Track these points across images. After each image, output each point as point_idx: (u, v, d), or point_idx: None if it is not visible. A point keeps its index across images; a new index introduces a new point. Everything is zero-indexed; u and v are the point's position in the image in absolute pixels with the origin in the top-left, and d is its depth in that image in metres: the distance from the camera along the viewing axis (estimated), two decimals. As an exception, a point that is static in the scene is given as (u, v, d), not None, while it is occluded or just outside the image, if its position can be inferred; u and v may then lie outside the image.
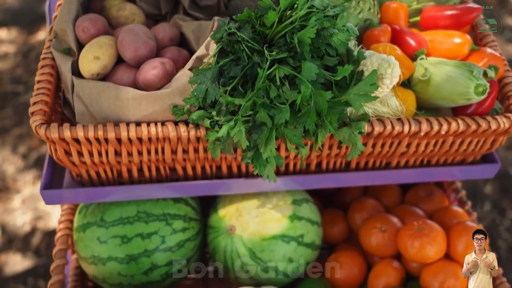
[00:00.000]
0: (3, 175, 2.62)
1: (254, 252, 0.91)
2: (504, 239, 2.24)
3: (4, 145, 2.62)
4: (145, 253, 0.89)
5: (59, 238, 0.94)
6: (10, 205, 2.53)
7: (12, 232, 2.44)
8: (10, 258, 2.35)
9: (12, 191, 2.57)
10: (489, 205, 2.32)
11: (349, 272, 0.98)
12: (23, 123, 2.53)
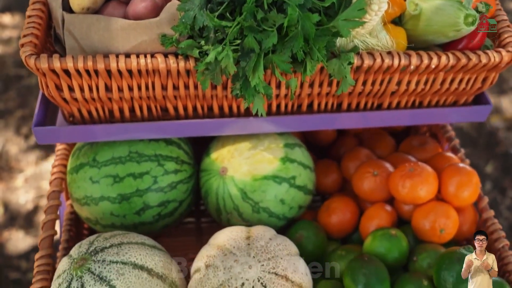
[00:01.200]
0: (6, 155, 2.64)
1: (245, 193, 0.91)
2: (505, 218, 2.28)
3: (7, 126, 2.64)
4: (137, 193, 0.89)
5: (53, 181, 0.94)
6: (13, 184, 2.55)
7: (15, 210, 2.46)
8: (13, 235, 2.37)
9: (15, 170, 2.59)
10: (490, 185, 2.35)
11: (341, 217, 0.98)
12: (26, 105, 2.55)
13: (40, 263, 0.84)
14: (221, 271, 0.79)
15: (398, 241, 0.88)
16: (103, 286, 0.76)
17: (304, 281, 0.82)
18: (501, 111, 2.51)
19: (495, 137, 2.58)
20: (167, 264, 0.83)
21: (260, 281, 0.78)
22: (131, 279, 0.77)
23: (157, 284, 0.79)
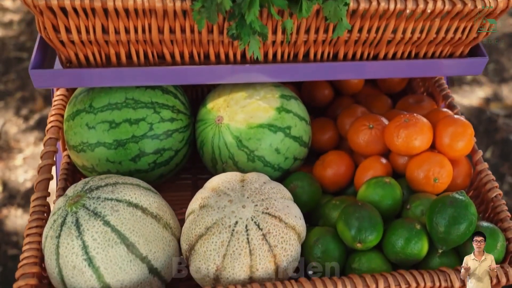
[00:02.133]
0: (5, 135, 2.65)
1: (241, 141, 0.92)
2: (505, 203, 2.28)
3: (7, 107, 2.65)
4: (133, 139, 0.90)
5: (50, 129, 0.95)
6: (12, 163, 2.57)
7: (14, 188, 2.47)
8: (11, 212, 2.38)
9: (14, 150, 2.60)
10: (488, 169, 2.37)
11: (336, 170, 0.98)
12: (26, 87, 2.56)
13: (35, 203, 0.85)
14: (215, 210, 0.80)
15: (392, 189, 0.88)
16: (97, 221, 0.76)
17: (297, 224, 0.83)
18: (501, 99, 2.52)
19: (494, 124, 2.59)
20: (162, 206, 0.84)
21: (253, 220, 0.79)
22: (125, 216, 0.78)
23: (151, 223, 0.80)
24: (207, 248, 0.78)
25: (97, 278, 0.76)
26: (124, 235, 0.76)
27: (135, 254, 0.77)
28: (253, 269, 0.78)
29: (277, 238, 0.79)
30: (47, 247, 0.78)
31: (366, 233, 0.82)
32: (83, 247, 0.75)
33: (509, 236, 0.85)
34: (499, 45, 2.74)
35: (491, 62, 2.54)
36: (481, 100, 2.50)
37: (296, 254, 0.83)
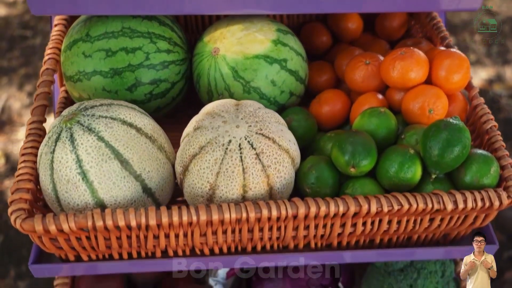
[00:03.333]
0: (9, 110, 2.67)
1: (236, 71, 0.92)
2: None
3: (11, 83, 2.67)
4: (129, 68, 0.90)
5: (47, 60, 0.95)
6: (15, 136, 2.58)
7: (16, 161, 2.49)
8: (14, 184, 2.37)
9: (17, 124, 2.62)
10: None
11: (332, 107, 0.98)
12: (29, 64, 2.57)
13: (31, 127, 0.85)
14: (208, 130, 0.80)
15: (387, 118, 0.88)
16: (91, 136, 0.77)
17: (291, 148, 0.83)
18: (504, 80, 2.53)
19: (497, 104, 2.60)
20: (157, 129, 0.84)
21: (247, 139, 0.79)
22: (119, 133, 0.78)
23: (146, 142, 0.80)
24: (201, 167, 0.79)
25: (91, 193, 0.76)
26: (118, 151, 0.77)
27: (129, 171, 0.78)
28: (246, 188, 0.79)
29: (270, 159, 0.79)
30: (42, 164, 0.79)
31: (359, 158, 0.82)
32: (77, 161, 0.76)
33: (503, 163, 0.85)
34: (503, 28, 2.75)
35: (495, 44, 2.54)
36: (484, 81, 2.50)
37: (290, 178, 0.83)
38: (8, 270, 2.05)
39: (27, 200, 0.77)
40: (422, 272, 0.97)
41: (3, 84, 2.67)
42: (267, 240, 0.86)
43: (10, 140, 2.49)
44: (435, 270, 0.98)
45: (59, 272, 0.87)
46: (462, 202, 0.79)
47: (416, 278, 0.97)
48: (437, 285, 0.98)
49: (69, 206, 0.77)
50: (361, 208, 0.78)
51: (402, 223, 0.85)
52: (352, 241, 0.89)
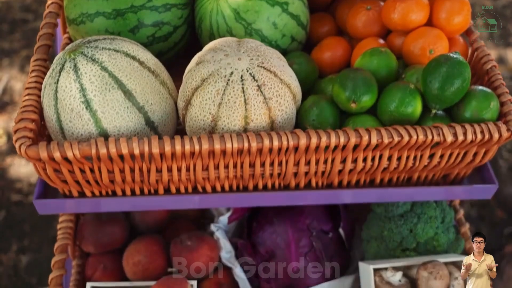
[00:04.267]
0: (10, 90, 2.68)
1: (238, 13, 0.93)
2: (505, 159, 2.37)
3: (12, 64, 2.68)
4: (132, 9, 0.91)
5: (50, 4, 0.96)
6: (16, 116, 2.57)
7: (18, 140, 2.48)
8: (15, 161, 2.41)
9: (18, 104, 2.63)
10: None
11: (333, 52, 0.99)
12: (30, 46, 2.59)
13: (35, 63, 0.86)
14: (211, 64, 0.81)
15: (387, 58, 0.89)
16: (95, 66, 0.77)
17: (292, 84, 0.84)
18: (506, 62, 2.55)
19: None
20: (159, 66, 0.85)
21: (248, 71, 0.80)
22: (123, 64, 0.79)
23: (148, 75, 0.81)
24: (203, 98, 0.79)
25: (95, 123, 0.77)
26: (121, 81, 0.78)
27: (132, 102, 0.78)
28: (248, 120, 0.79)
29: (272, 91, 0.80)
30: (46, 95, 0.79)
31: (360, 93, 0.83)
32: (80, 90, 0.76)
33: (503, 100, 0.86)
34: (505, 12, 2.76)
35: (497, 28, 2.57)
36: (485, 64, 2.53)
37: (291, 114, 0.84)
38: (10, 244, 2.06)
39: (32, 129, 0.78)
40: (422, 217, 0.98)
41: (5, 66, 2.69)
42: (269, 177, 0.87)
43: (11, 119, 2.50)
44: (435, 215, 0.99)
45: (62, 208, 0.88)
46: (462, 134, 0.80)
47: (416, 223, 0.98)
48: (437, 230, 0.98)
49: (73, 136, 0.78)
50: (361, 140, 0.79)
51: (402, 160, 0.86)
52: (353, 181, 0.90)
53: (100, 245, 1.00)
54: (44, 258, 1.97)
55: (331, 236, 1.01)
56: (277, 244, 0.99)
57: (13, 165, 2.34)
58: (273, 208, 1.04)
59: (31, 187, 2.20)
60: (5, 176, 2.35)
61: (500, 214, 2.10)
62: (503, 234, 2.03)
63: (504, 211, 2.08)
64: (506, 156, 2.42)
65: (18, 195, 2.23)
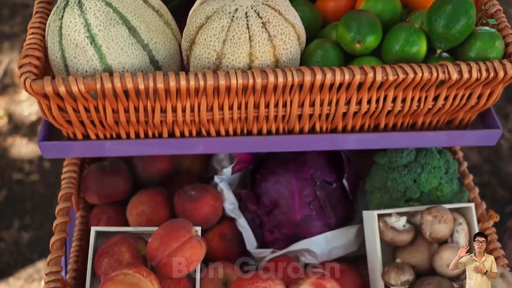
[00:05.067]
0: (11, 73, 2.68)
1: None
2: (506, 139, 2.35)
3: (13, 48, 2.68)
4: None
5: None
6: (17, 98, 2.59)
7: (19, 120, 2.50)
8: (17, 141, 2.41)
9: (19, 86, 2.63)
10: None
11: (336, 2, 0.99)
12: (31, 30, 2.58)
13: (39, 6, 0.86)
14: (215, 1, 0.81)
15: (392, 2, 0.89)
16: (99, 2, 0.77)
17: (297, 24, 0.83)
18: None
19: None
20: (163, 7, 0.85)
21: (253, 8, 0.80)
22: (127, 0, 0.79)
23: (153, 14, 0.81)
24: (207, 35, 0.79)
25: (99, 58, 0.77)
26: (126, 17, 0.78)
27: (137, 39, 0.78)
28: (252, 57, 0.79)
29: (276, 29, 0.80)
30: (50, 32, 0.79)
31: (365, 33, 0.83)
32: (85, 25, 0.76)
33: (508, 41, 0.85)
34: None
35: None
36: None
37: (296, 54, 0.84)
38: (12, 222, 2.06)
39: (37, 66, 0.77)
40: (426, 167, 0.98)
41: (6, 49, 2.68)
42: (273, 121, 0.86)
43: (13, 101, 2.51)
44: (438, 166, 0.98)
45: (66, 151, 0.88)
46: (467, 72, 0.80)
47: (420, 173, 0.97)
48: (440, 180, 0.98)
49: (78, 73, 0.78)
50: (366, 77, 0.79)
51: (406, 102, 0.86)
52: (357, 125, 0.90)
53: (104, 195, 1.00)
54: (45, 235, 1.97)
55: (335, 187, 1.01)
56: (280, 194, 0.99)
57: (14, 145, 2.34)
58: (277, 159, 1.03)
59: (32, 167, 2.20)
60: (6, 155, 2.35)
61: (502, 193, 2.10)
62: (504, 211, 2.03)
63: (506, 189, 2.09)
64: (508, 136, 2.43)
65: (19, 174, 2.24)
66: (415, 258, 0.91)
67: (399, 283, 0.87)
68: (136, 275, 0.79)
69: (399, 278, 0.86)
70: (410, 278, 0.87)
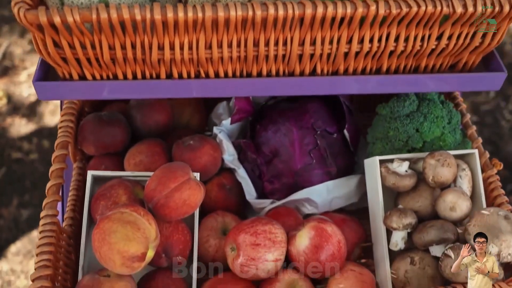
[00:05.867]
0: (11, 55, 2.67)
1: None
2: (507, 120, 2.40)
3: (12, 31, 2.68)
4: None
5: None
6: (17, 79, 2.58)
7: (18, 101, 2.49)
8: (16, 121, 2.40)
9: (19, 68, 2.62)
10: (493, 93, 2.44)
11: None
12: (31, 14, 2.58)
13: None
14: None
15: None
16: None
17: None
18: (509, 28, 2.55)
19: (500, 49, 2.61)
20: None
21: None
22: None
23: None
24: (206, -33, 0.78)
25: (95, -10, 0.75)
26: None
27: (134, -29, 0.77)
28: (252, -10, 0.78)
29: (277, -38, 0.78)
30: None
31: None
32: (81, -46, 0.75)
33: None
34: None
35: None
36: (488, 31, 2.53)
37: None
38: (11, 199, 2.05)
39: (30, 0, 0.76)
40: (429, 117, 0.96)
41: (5, 32, 2.68)
42: (273, 61, 0.85)
43: (12, 82, 2.50)
44: (441, 115, 0.97)
45: (62, 92, 0.86)
46: (472, 6, 0.78)
47: (423, 122, 0.96)
48: (443, 130, 0.96)
49: (73, 5, 0.77)
50: (369, 10, 0.77)
51: (409, 41, 0.84)
52: (359, 68, 0.88)
53: (101, 145, 0.98)
54: (45, 213, 1.96)
55: (336, 137, 0.99)
56: (280, 142, 0.97)
57: (14, 125, 2.34)
58: (277, 109, 1.02)
59: (31, 146, 2.19)
60: (5, 135, 2.34)
61: (502, 172, 2.09)
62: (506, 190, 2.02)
63: (506, 169, 2.07)
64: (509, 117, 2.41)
65: (19, 153, 2.23)
66: (417, 203, 0.89)
67: (401, 226, 0.85)
68: (133, 214, 0.77)
69: (401, 221, 0.85)
70: (413, 222, 0.85)
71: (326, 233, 0.83)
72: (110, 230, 0.75)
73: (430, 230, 0.83)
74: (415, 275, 0.84)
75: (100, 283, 0.76)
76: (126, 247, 0.74)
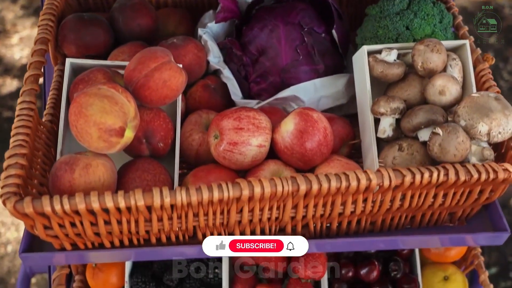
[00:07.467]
0: (2, 20, 2.66)
1: None
2: (506, 80, 2.45)
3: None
4: None
5: None
6: (8, 42, 2.57)
7: (10, 63, 2.48)
8: (7, 82, 2.39)
9: (11, 32, 2.61)
10: (492, 54, 2.45)
11: None
12: (21, -19, 2.58)
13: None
14: None
15: None
16: None
17: None
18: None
19: (500, 13, 2.61)
20: None
21: None
22: None
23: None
24: None
25: None
26: None
27: None
28: None
29: None
30: None
31: None
32: None
33: None
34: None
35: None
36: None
37: None
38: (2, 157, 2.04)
39: None
40: (419, 14, 0.93)
41: (-4, -2, 2.66)
42: None
43: (3, 45, 2.48)
44: (432, 14, 0.94)
45: None
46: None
47: (413, 19, 0.93)
48: (434, 28, 0.93)
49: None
50: None
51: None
52: None
53: (82, 45, 0.95)
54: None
55: (324, 37, 0.96)
56: (267, 39, 0.94)
57: (5, 86, 2.32)
58: (264, 9, 0.99)
59: (22, 105, 2.17)
60: (-3, 95, 2.32)
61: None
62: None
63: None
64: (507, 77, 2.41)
65: (10, 111, 2.21)
66: (406, 92, 0.86)
67: (388, 110, 0.82)
68: (111, 90, 0.75)
69: (389, 105, 0.82)
70: (401, 106, 0.83)
71: (312, 118, 0.80)
72: (86, 103, 0.72)
73: (419, 112, 0.80)
74: (403, 161, 0.81)
75: (77, 159, 0.74)
76: (102, 119, 0.72)
